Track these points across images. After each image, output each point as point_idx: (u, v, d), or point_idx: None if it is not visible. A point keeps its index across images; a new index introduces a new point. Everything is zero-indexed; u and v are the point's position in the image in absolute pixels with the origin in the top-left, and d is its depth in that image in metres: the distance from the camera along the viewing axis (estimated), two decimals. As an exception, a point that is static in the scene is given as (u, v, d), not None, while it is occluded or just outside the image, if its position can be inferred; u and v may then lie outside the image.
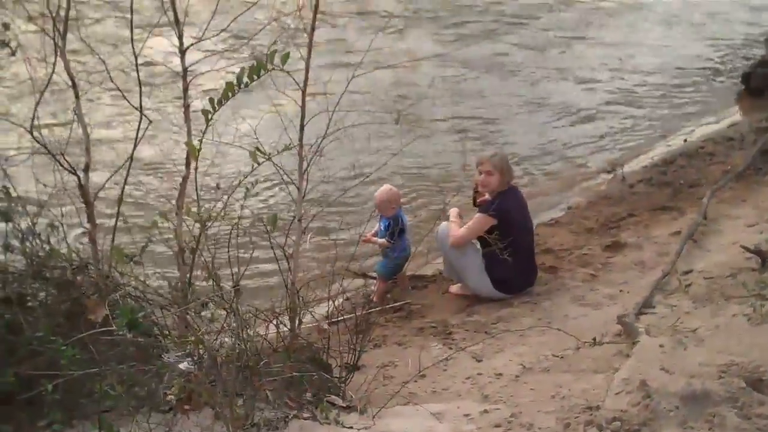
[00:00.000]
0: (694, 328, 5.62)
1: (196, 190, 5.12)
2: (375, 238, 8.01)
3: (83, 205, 5.10)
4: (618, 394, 4.49)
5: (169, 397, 4.29)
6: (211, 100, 4.79)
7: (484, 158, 7.72)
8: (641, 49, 14.99)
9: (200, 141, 4.86)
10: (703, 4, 16.92)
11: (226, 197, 5.09)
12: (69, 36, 5.07)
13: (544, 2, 17.02)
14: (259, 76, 4.74)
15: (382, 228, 7.99)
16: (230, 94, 4.76)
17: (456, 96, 12.82)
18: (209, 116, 4.82)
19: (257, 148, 4.88)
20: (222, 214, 5.02)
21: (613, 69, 14.09)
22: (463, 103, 12.63)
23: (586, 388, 4.98)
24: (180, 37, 5.06)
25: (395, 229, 7.83)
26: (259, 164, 4.89)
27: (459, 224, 7.83)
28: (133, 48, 5.17)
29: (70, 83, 5.10)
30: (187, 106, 5.08)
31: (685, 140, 11.53)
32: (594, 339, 5.98)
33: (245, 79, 4.72)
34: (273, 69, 4.73)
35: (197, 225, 4.97)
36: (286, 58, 4.75)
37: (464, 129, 11.71)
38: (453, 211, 8.06)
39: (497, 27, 15.62)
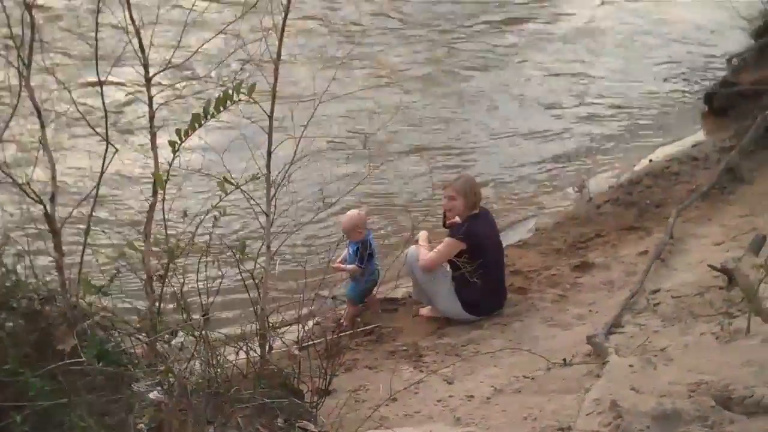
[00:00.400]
0: (663, 347, 5.67)
1: (164, 218, 5.10)
2: (345, 266, 8.01)
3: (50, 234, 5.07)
4: (589, 415, 4.51)
5: (140, 426, 4.27)
6: (177, 131, 4.78)
7: (447, 183, 7.77)
8: (602, 71, 14.95)
9: (167, 172, 4.85)
10: (655, 30, 16.88)
11: (194, 227, 5.07)
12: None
13: (500, 32, 16.81)
14: (225, 107, 4.75)
15: (350, 252, 8.00)
16: (197, 125, 4.77)
17: (420, 121, 12.79)
18: (176, 146, 4.82)
19: (225, 178, 4.88)
20: (190, 242, 5.00)
21: (577, 93, 14.06)
22: (428, 128, 12.60)
23: (557, 409, 5.01)
24: (145, 66, 5.05)
25: (364, 254, 7.83)
26: (227, 193, 4.90)
27: (428, 248, 7.85)
28: (98, 77, 5.16)
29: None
30: (153, 134, 5.07)
31: (651, 160, 11.57)
32: (564, 359, 6.02)
33: (212, 110, 4.73)
34: (239, 101, 4.75)
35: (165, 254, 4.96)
36: (252, 89, 4.77)
37: (431, 154, 11.68)
38: (422, 235, 8.07)
39: (455, 54, 15.52)
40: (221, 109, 4.74)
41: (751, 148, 10.51)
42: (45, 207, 4.96)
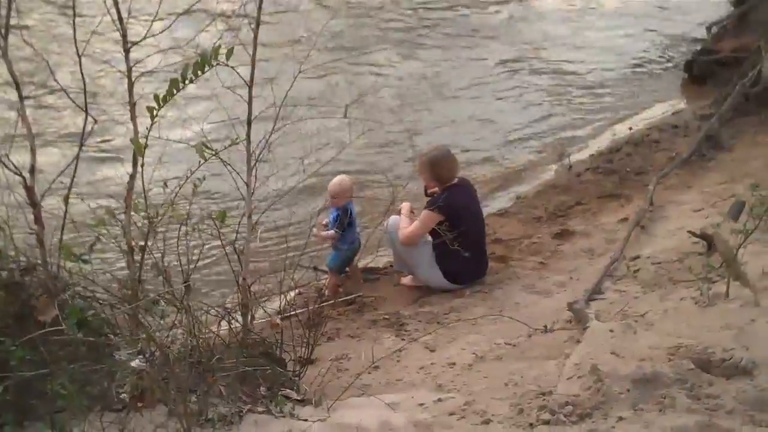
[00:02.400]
0: (643, 312, 5.70)
1: (143, 188, 5.07)
2: (323, 233, 8.00)
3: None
4: (570, 379, 4.54)
5: (122, 395, 4.27)
6: (155, 97, 4.74)
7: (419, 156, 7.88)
8: (577, 44, 14.91)
9: (146, 138, 4.82)
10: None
11: (173, 194, 5.04)
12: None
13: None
14: (203, 72, 4.71)
15: (331, 219, 8.00)
16: (175, 91, 4.72)
17: (400, 93, 12.79)
18: (154, 113, 4.78)
19: (203, 144, 4.85)
20: (170, 210, 4.97)
21: (556, 63, 14.05)
22: (407, 99, 12.61)
23: (539, 375, 5.03)
24: (124, 36, 5.01)
25: (344, 220, 7.84)
26: (205, 159, 4.86)
27: (410, 219, 7.85)
28: (77, 47, 5.12)
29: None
30: (132, 105, 5.03)
31: (631, 128, 11.63)
32: (545, 326, 6.04)
33: (190, 75, 4.69)
34: (218, 64, 4.71)
35: (146, 222, 4.94)
36: (230, 53, 4.73)
37: (411, 126, 11.67)
38: (405, 206, 8.05)
39: (426, 32, 15.37)
40: (199, 73, 4.70)
41: (730, 115, 10.58)
42: (24, 179, 4.93)
